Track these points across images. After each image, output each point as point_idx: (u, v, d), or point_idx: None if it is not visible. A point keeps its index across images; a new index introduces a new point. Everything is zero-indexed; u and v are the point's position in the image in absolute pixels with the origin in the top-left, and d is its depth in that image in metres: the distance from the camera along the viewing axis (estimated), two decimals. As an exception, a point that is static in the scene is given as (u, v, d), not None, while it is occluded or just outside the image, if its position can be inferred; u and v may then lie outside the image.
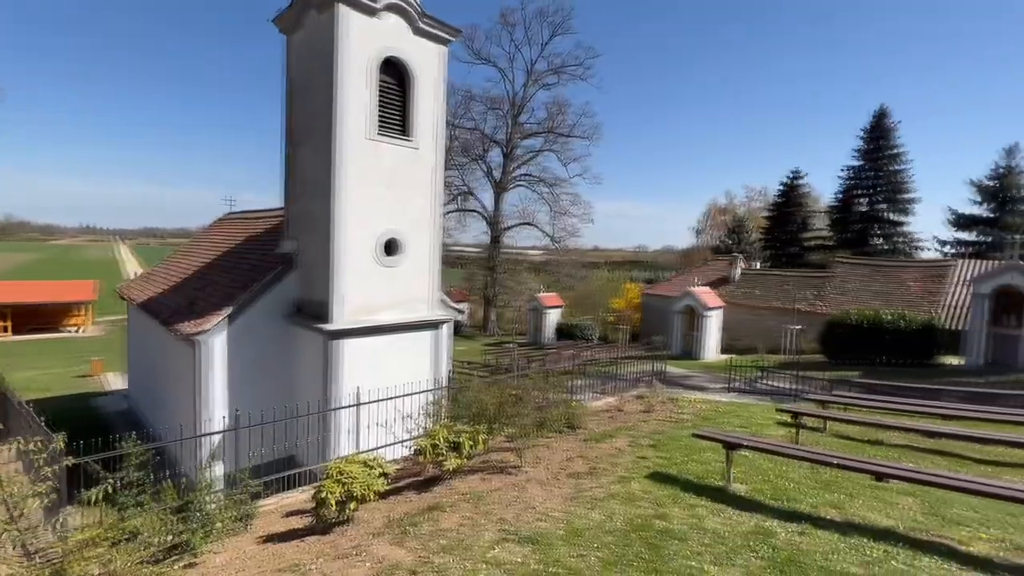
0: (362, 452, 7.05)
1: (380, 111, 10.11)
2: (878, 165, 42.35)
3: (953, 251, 36.46)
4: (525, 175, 43.24)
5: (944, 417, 8.16)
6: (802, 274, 29.59)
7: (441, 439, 6.40)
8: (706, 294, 24.58)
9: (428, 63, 10.73)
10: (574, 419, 8.67)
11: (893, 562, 3.78)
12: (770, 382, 16.06)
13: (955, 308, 20.93)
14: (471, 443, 6.59)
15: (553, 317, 32.62)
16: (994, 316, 16.77)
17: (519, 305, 41.67)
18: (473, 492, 5.95)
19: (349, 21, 9.36)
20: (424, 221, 10.96)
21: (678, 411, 9.91)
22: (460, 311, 16.48)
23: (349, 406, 8.21)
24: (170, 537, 4.89)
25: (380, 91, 10.06)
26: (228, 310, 9.78)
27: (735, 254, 34.27)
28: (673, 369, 18.37)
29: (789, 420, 7.79)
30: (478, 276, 43.10)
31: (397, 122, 10.47)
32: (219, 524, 5.24)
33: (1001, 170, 36.15)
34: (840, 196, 44.89)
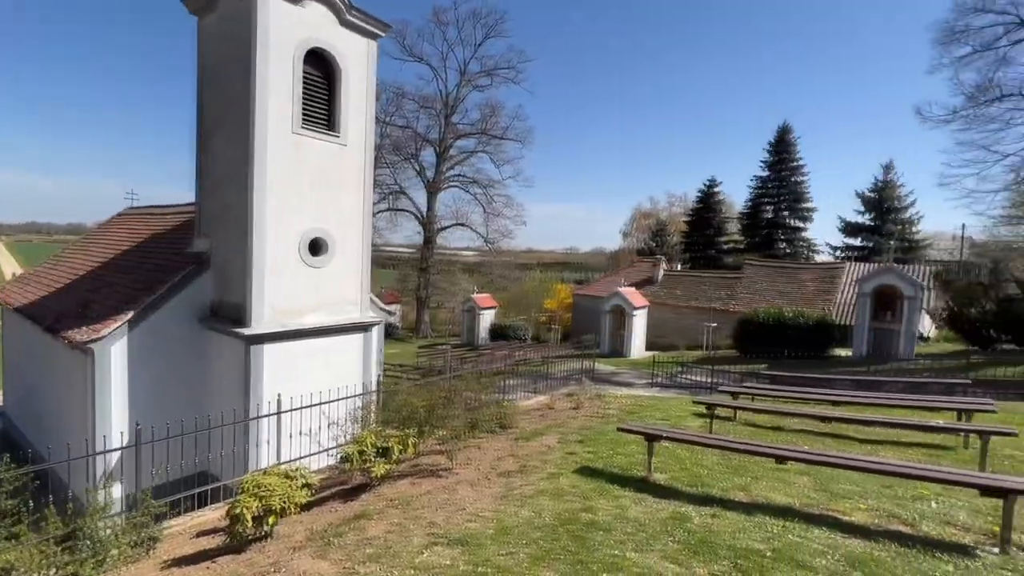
0: (284, 463, 6.69)
1: (305, 104, 9.66)
2: (781, 176, 46.52)
3: (843, 255, 40.78)
4: (459, 176, 43.06)
5: (835, 403, 9.13)
6: (717, 275, 31.81)
7: (369, 445, 6.22)
8: (632, 294, 25.72)
9: (356, 57, 10.40)
10: (506, 419, 8.76)
11: (790, 536, 4.18)
12: (689, 377, 17.12)
13: (845, 306, 23.43)
14: (401, 448, 6.46)
15: (487, 318, 32.71)
16: (875, 312, 18.97)
17: (453, 306, 41.41)
18: (402, 497, 5.84)
19: (269, 7, 8.86)
20: (353, 220, 10.61)
21: (605, 407, 10.31)
22: (391, 313, 16.09)
23: (269, 415, 7.76)
24: (53, 571, 4.37)
25: (305, 83, 9.62)
26: (129, 314, 8.91)
27: (658, 256, 36.20)
28: (602, 367, 19.06)
29: (704, 412, 8.35)
30: (411, 277, 42.30)
31: (323, 116, 10.06)
32: (115, 551, 4.76)
33: (880, 183, 40.97)
34: (750, 203, 48.81)
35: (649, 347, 25.53)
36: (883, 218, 40.18)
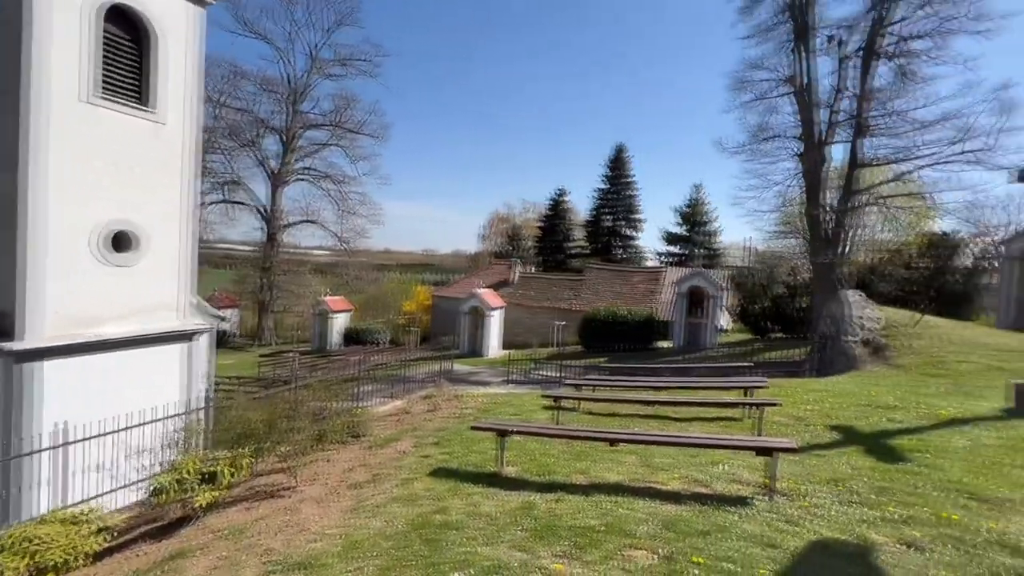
0: (70, 506, 5.48)
1: (107, 70, 8.06)
2: (618, 190, 52.26)
3: (665, 260, 47.32)
4: (309, 170, 39.87)
5: (657, 388, 10.56)
6: (565, 277, 34.47)
7: (190, 472, 5.42)
8: (489, 295, 26.52)
9: (176, 21, 8.99)
10: (359, 427, 8.37)
11: (620, 509, 4.71)
12: (541, 372, 18.24)
13: (667, 304, 27.20)
14: (232, 471, 5.76)
15: (341, 322, 30.85)
16: (689, 309, 22.37)
17: (302, 310, 38.16)
18: (233, 526, 5.20)
19: (50, -55, 7.21)
20: (171, 211, 9.15)
21: (462, 407, 10.46)
22: (223, 318, 14.24)
23: (48, 449, 6.29)
24: None
25: (106, 45, 8.03)
26: None
27: (513, 259, 37.98)
28: (460, 367, 19.30)
29: (552, 404, 8.98)
30: (251, 278, 37.93)
31: (132, 87, 8.51)
32: None
33: (692, 201, 48.50)
34: (593, 213, 53.89)
35: (505, 346, 26.57)
36: (694, 230, 47.62)
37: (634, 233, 52.38)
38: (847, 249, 18.37)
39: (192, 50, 9.26)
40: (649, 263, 49.38)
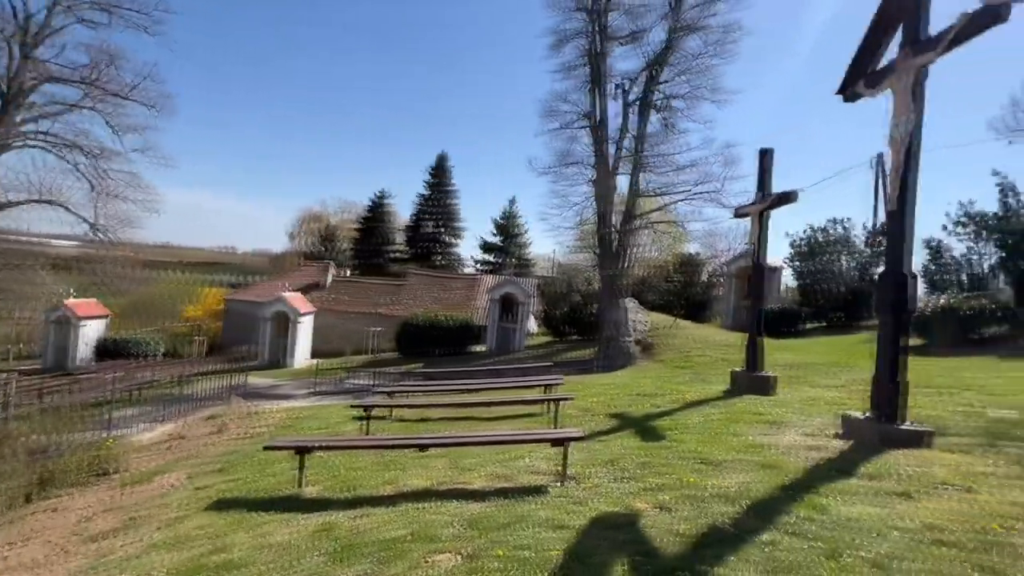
0: None
1: None
2: (439, 197, 53.12)
3: (482, 268, 49.69)
4: (46, 135, 30.84)
5: (470, 391, 10.93)
6: (384, 282, 33.52)
7: None
8: (298, 300, 24.20)
9: None
10: (109, 461, 6.71)
11: (427, 515, 4.69)
12: (354, 381, 17.31)
13: (482, 310, 28.51)
14: None
15: (92, 331, 24.63)
16: (502, 314, 23.81)
17: (30, 316, 29.26)
18: None
19: None
20: None
21: (255, 425, 9.25)
22: None
23: None
24: None
25: None
26: None
27: (327, 261, 35.38)
28: (259, 380, 17.12)
29: (362, 414, 8.56)
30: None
31: None
32: None
33: (507, 213, 52.06)
34: (414, 218, 53.73)
35: (315, 355, 24.53)
36: (508, 241, 51.13)
37: (454, 240, 53.80)
38: (627, 264, 21.83)
39: None
40: (467, 270, 51.22)
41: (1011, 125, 13.33)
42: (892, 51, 5.85)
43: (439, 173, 53.42)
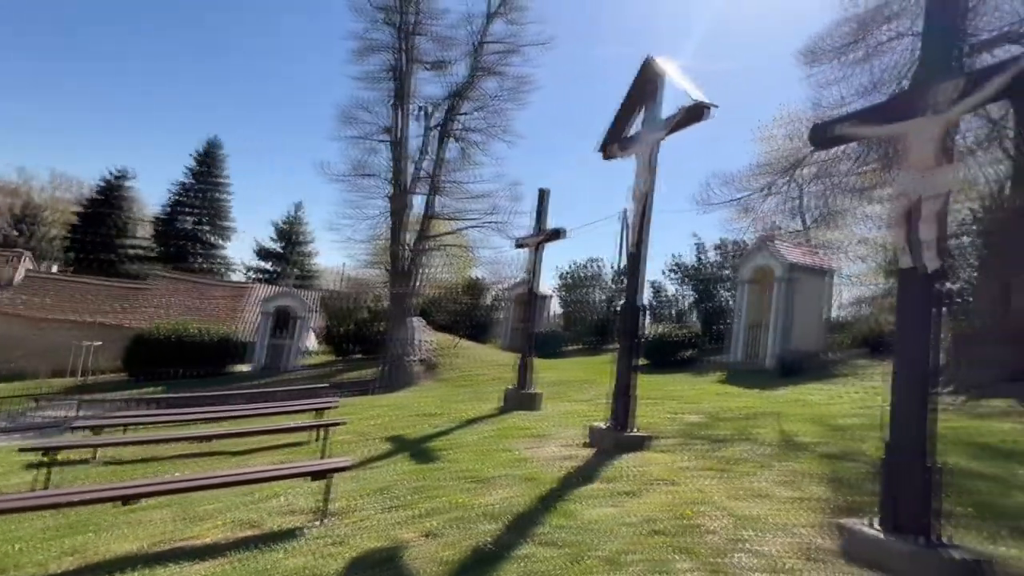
0: None
1: None
2: (205, 189, 45.14)
3: (255, 276, 43.71)
4: None
5: (224, 419, 9.15)
6: (114, 284, 26.49)
7: None
8: (-47, 300, 17.17)
9: None
10: None
11: (129, 589, 3.57)
12: (49, 413, 12.96)
13: (251, 323, 24.84)
14: None
15: None
16: (275, 330, 21.13)
17: None
18: None
19: None
20: None
21: None
22: None
23: None
24: None
25: None
26: None
27: (20, 250, 26.25)
28: None
29: (40, 459, 6.31)
30: None
31: None
32: None
33: (292, 218, 47.27)
34: (168, 209, 44.37)
35: (-21, 378, 17.66)
36: (291, 248, 46.28)
37: (220, 242, 46.16)
38: (418, 283, 21.86)
39: None
40: (237, 277, 44.36)
41: (703, 199, 18.14)
42: (639, 125, 7.20)
43: (207, 161, 45.37)
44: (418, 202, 21.10)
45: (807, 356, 13.49)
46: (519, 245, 11.22)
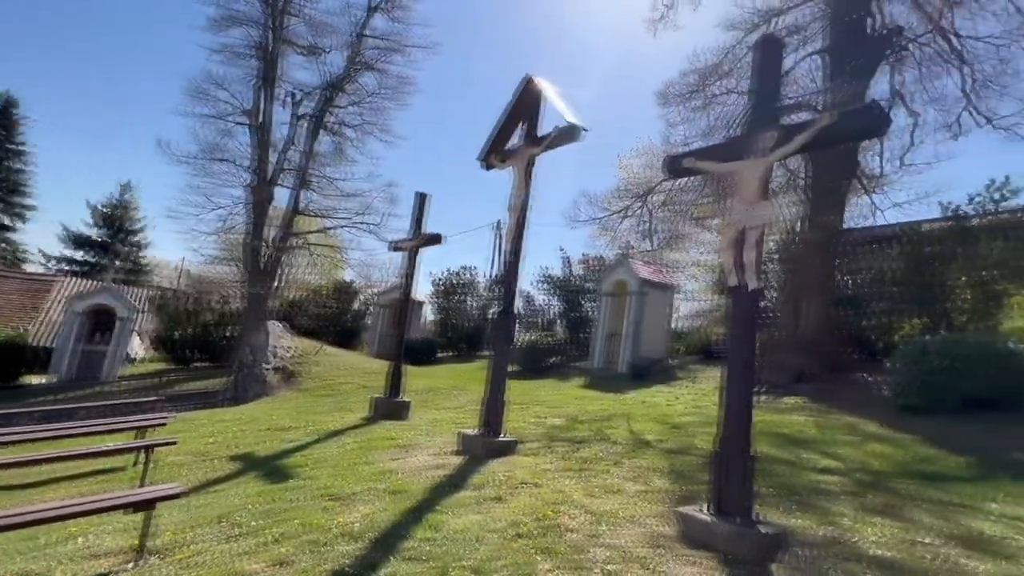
0: None
1: None
2: (-4, 156, 36.18)
3: (61, 267, 36.04)
4: None
5: (5, 444, 7.27)
6: None
7: None
8: None
9: None
10: None
11: None
12: None
13: (54, 325, 20.34)
14: None
15: None
16: (90, 334, 17.57)
17: None
18: None
19: None
20: None
21: None
22: None
23: None
24: None
25: None
26: None
27: None
28: None
29: None
30: None
31: None
32: None
33: (118, 201, 40.00)
34: (-69, 176, 34.56)
35: None
36: (115, 237, 39.10)
37: (13, 223, 37.25)
38: (280, 284, 19.91)
39: None
40: (36, 268, 36.09)
41: (572, 216, 19.59)
42: (519, 139, 7.44)
43: (1, 122, 36.41)
44: (283, 196, 19.30)
45: (654, 362, 15.10)
46: (395, 248, 10.85)
